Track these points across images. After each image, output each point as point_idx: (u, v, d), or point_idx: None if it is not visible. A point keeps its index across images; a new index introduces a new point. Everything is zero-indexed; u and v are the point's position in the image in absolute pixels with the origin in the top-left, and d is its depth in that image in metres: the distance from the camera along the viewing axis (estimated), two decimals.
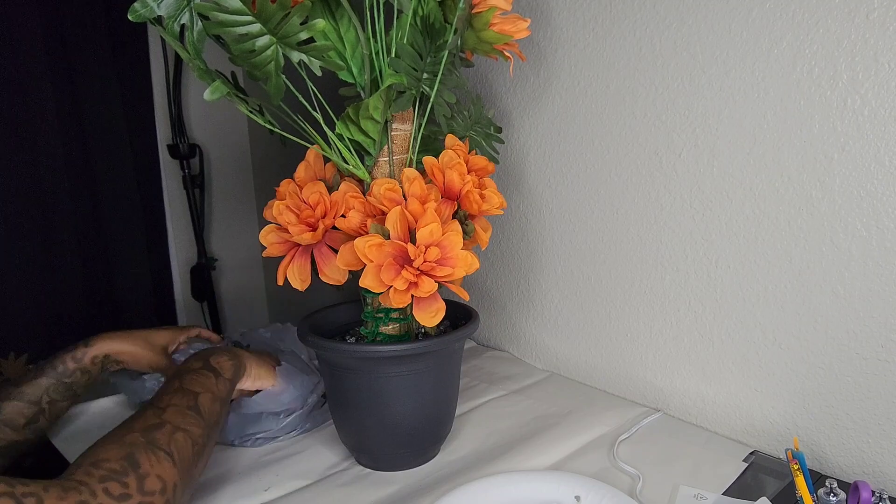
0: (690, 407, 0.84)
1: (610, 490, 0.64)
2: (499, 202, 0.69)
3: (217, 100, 0.61)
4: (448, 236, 0.61)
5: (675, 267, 0.82)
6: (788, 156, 0.69)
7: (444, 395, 0.74)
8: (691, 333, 0.82)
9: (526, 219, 1.00)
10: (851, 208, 0.66)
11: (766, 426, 0.77)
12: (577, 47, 0.86)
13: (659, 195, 0.82)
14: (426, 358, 0.69)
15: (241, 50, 0.59)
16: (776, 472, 0.72)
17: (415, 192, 0.64)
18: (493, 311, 1.10)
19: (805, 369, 0.72)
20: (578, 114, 0.88)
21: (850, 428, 0.70)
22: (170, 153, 1.38)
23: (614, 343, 0.91)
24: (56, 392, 0.74)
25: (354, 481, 0.72)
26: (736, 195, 0.74)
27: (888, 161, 0.63)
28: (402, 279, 0.60)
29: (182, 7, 0.59)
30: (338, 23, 0.65)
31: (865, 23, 0.62)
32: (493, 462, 0.74)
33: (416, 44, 0.64)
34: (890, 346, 0.65)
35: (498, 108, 0.99)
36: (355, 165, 0.68)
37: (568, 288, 0.96)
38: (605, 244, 0.89)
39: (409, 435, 0.72)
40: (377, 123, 0.64)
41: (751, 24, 0.69)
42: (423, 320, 0.62)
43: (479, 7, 0.66)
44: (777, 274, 0.72)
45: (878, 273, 0.65)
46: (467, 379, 0.97)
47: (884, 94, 0.62)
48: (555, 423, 0.83)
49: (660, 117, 0.79)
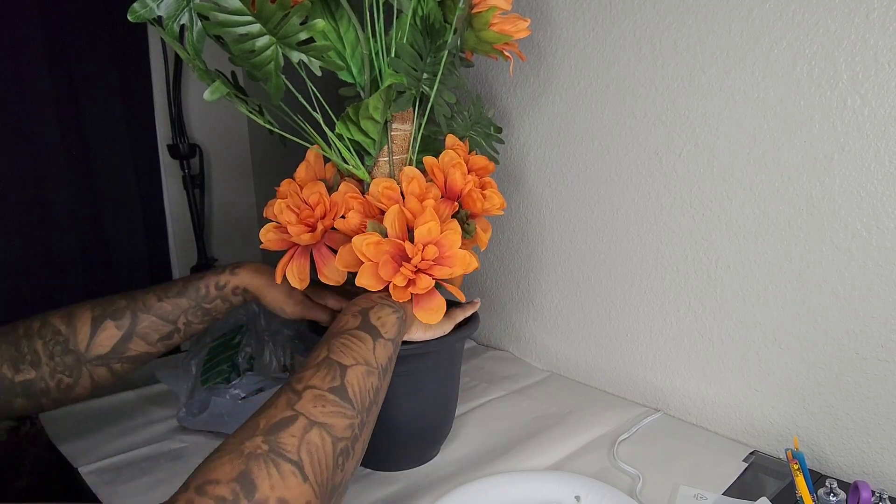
0: (690, 407, 0.84)
1: (610, 490, 0.64)
2: (500, 202, 0.69)
3: (217, 100, 0.61)
4: (447, 235, 0.61)
5: (675, 267, 0.82)
6: (788, 156, 0.69)
7: (444, 395, 0.74)
8: (691, 333, 0.82)
9: (526, 219, 1.00)
10: (851, 208, 0.66)
11: (766, 426, 0.77)
12: (577, 47, 0.86)
13: (659, 195, 0.82)
14: (426, 358, 0.69)
15: (241, 50, 0.59)
16: (776, 472, 0.72)
17: (413, 191, 0.64)
18: (493, 311, 1.10)
19: (805, 369, 0.72)
20: (578, 114, 0.88)
21: (850, 428, 0.70)
22: (170, 153, 1.38)
23: (614, 343, 0.91)
24: (194, 315, 0.71)
25: (354, 481, 0.71)
26: (736, 195, 0.74)
27: (888, 161, 0.63)
28: (400, 275, 0.60)
29: (181, 7, 0.59)
30: (337, 23, 0.65)
31: (865, 23, 0.62)
32: (493, 462, 0.74)
33: (415, 44, 0.64)
34: (890, 346, 0.65)
35: (498, 108, 0.99)
36: (355, 165, 0.68)
37: (568, 288, 0.96)
38: (605, 244, 0.89)
39: (409, 435, 0.72)
40: (377, 123, 0.64)
41: (751, 24, 0.69)
42: (424, 318, 0.62)
43: (478, 7, 0.66)
44: (777, 274, 0.72)
45: (878, 273, 0.65)
46: (467, 379, 0.97)
47: (884, 94, 0.62)
48: (555, 423, 0.83)
49: (660, 117, 0.79)
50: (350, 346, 0.54)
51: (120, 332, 0.67)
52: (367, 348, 0.55)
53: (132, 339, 0.68)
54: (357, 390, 0.51)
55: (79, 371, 0.66)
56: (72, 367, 0.65)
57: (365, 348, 0.55)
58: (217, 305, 0.72)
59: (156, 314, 0.69)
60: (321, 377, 0.50)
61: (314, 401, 0.48)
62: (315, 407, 0.48)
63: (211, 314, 0.72)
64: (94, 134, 1.21)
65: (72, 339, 0.66)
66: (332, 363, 0.52)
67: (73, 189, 1.19)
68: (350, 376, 0.52)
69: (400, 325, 0.60)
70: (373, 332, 0.57)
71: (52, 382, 0.64)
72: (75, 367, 0.66)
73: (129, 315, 0.68)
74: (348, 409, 0.50)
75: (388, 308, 0.60)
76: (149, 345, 0.69)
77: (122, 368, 0.69)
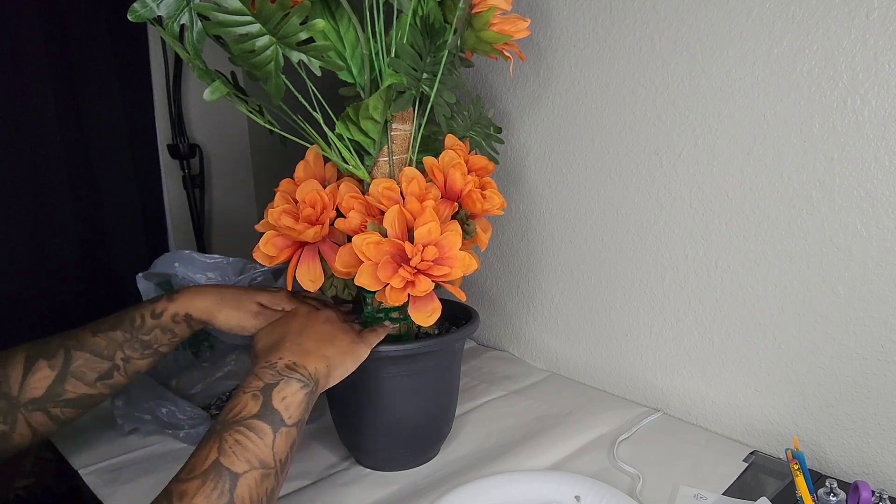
0: (690, 407, 0.84)
1: (610, 490, 0.64)
2: (500, 202, 0.69)
3: (217, 100, 0.61)
4: (447, 236, 0.61)
5: (675, 267, 0.82)
6: (788, 156, 0.69)
7: (444, 395, 0.74)
8: (691, 333, 0.82)
9: (526, 219, 1.00)
10: (851, 208, 0.66)
11: (766, 426, 0.77)
12: (577, 47, 0.86)
13: (659, 195, 0.82)
14: (426, 358, 0.69)
15: (241, 50, 0.59)
16: (776, 472, 0.72)
17: (413, 191, 0.64)
18: (493, 311, 1.10)
19: (805, 369, 0.72)
20: (578, 114, 0.88)
21: (850, 428, 0.70)
22: (170, 153, 1.38)
23: (614, 343, 0.91)
24: (131, 349, 0.65)
25: (354, 481, 0.72)
26: (736, 195, 0.74)
27: (888, 161, 0.63)
28: (398, 277, 0.60)
29: (182, 7, 0.59)
30: (337, 23, 0.65)
31: (865, 23, 0.62)
32: (493, 462, 0.74)
33: (415, 44, 0.64)
34: (890, 346, 0.65)
35: (498, 108, 0.99)
36: (355, 165, 0.68)
37: (568, 288, 0.96)
38: (605, 244, 0.89)
39: (409, 435, 0.72)
40: (377, 123, 0.64)
41: (751, 24, 0.69)
42: (418, 320, 0.62)
43: (478, 7, 0.66)
44: (777, 274, 0.72)
45: (878, 273, 0.65)
46: (467, 379, 0.97)
47: (884, 94, 0.62)
48: (555, 423, 0.83)
49: (660, 117, 0.79)
50: (244, 444, 0.48)
51: (53, 373, 0.62)
52: (265, 444, 0.49)
53: (67, 379, 0.63)
54: (248, 502, 0.47)
55: (13, 417, 0.61)
56: (5, 413, 0.60)
57: (262, 445, 0.49)
58: (157, 336, 0.66)
59: (90, 350, 0.64)
60: (206, 494, 0.45)
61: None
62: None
63: (152, 346, 0.66)
64: (94, 134, 1.21)
65: (3, 382, 0.61)
66: (222, 471, 0.46)
67: (73, 189, 1.19)
68: (241, 488, 0.46)
69: (308, 401, 0.54)
70: (274, 421, 0.51)
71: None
72: (9, 412, 0.61)
73: (63, 353, 0.63)
74: None
75: (295, 384, 0.54)
76: (87, 385, 0.64)
77: (63, 414, 0.63)
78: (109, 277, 1.27)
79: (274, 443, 0.50)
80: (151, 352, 0.67)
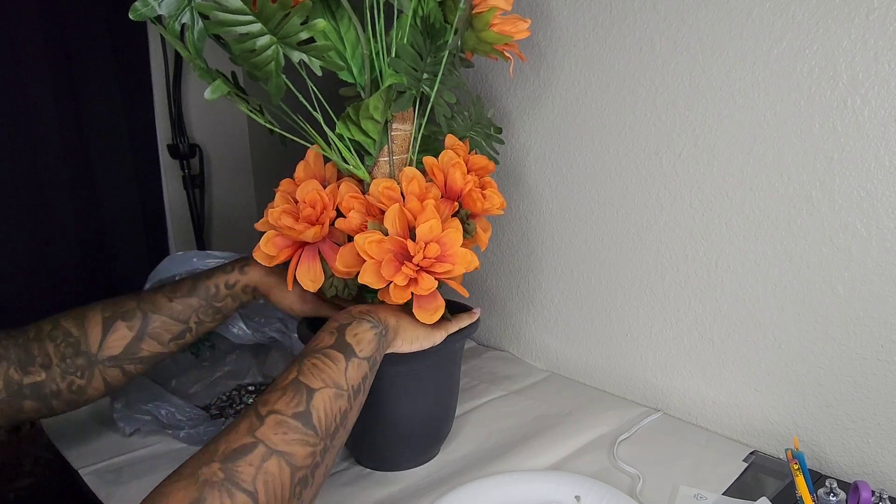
0: (690, 407, 0.84)
1: (610, 490, 0.64)
2: (500, 202, 0.69)
3: (217, 99, 0.61)
4: (448, 233, 0.62)
5: (675, 267, 0.82)
6: (788, 156, 0.69)
7: (444, 395, 0.74)
8: (691, 333, 0.82)
9: (526, 219, 1.00)
10: (851, 208, 0.66)
11: (766, 426, 0.77)
12: (577, 47, 0.86)
13: (659, 195, 0.82)
14: (426, 358, 0.69)
15: (242, 50, 0.59)
16: (776, 472, 0.72)
17: (413, 191, 0.64)
18: (493, 311, 1.10)
19: (805, 369, 0.72)
20: (578, 114, 0.88)
21: (850, 428, 0.70)
22: (170, 153, 1.38)
23: (614, 343, 0.91)
24: (205, 314, 0.71)
25: (354, 481, 0.72)
26: (736, 195, 0.74)
27: (888, 161, 0.63)
28: (402, 275, 0.60)
29: (183, 6, 0.59)
30: (338, 23, 0.65)
31: (865, 23, 0.62)
32: (493, 462, 0.74)
33: (416, 44, 0.64)
34: (890, 346, 0.66)
35: (498, 108, 0.99)
36: (355, 165, 0.68)
37: (568, 288, 0.96)
38: (605, 244, 0.89)
39: (409, 435, 0.72)
40: (377, 123, 0.64)
41: (751, 24, 0.69)
42: (422, 318, 0.62)
43: (479, 7, 0.66)
44: (777, 274, 0.72)
45: (878, 273, 0.65)
46: (467, 379, 0.97)
47: (884, 94, 0.62)
48: (555, 423, 0.83)
49: (660, 117, 0.79)
50: (321, 367, 0.53)
51: (132, 334, 0.68)
52: (339, 369, 0.53)
53: (144, 339, 0.68)
54: (323, 415, 0.50)
55: (91, 372, 0.66)
56: (83, 369, 0.66)
57: (336, 369, 0.53)
58: (227, 304, 0.73)
59: (166, 314, 0.69)
60: (286, 401, 0.49)
61: (276, 427, 0.47)
62: (276, 434, 0.47)
63: (221, 312, 0.73)
64: (94, 134, 1.21)
65: (83, 340, 0.66)
66: (300, 386, 0.50)
67: (73, 189, 1.19)
68: (317, 400, 0.50)
69: (378, 341, 0.58)
70: (347, 352, 0.55)
71: (63, 384, 0.64)
72: (87, 368, 0.66)
73: (140, 316, 0.68)
74: (311, 436, 0.48)
75: (366, 324, 0.58)
76: (161, 345, 0.70)
77: (135, 369, 0.69)
78: (109, 277, 1.27)
79: (346, 369, 0.54)
80: (221, 316, 0.74)
